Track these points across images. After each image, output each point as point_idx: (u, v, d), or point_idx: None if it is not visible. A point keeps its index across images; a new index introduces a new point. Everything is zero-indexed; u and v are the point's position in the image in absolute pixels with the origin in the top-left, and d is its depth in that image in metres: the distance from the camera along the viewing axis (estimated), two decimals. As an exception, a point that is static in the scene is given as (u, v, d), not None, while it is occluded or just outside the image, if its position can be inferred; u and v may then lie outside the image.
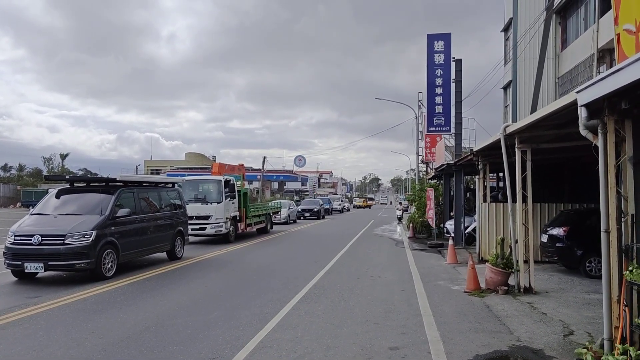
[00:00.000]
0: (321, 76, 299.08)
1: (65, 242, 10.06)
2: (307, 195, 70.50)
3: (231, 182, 19.56)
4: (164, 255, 13.95)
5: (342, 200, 63.35)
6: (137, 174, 67.80)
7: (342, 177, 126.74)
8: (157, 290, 9.55)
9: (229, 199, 19.09)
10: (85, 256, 10.12)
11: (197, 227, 18.33)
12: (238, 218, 20.13)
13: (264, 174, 53.28)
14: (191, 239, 19.28)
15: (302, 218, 37.67)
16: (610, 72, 4.53)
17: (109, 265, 10.74)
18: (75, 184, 12.70)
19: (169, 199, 14.05)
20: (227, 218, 18.75)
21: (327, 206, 46.14)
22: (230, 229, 19.06)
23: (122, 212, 11.31)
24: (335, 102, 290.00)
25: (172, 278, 10.95)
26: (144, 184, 13.39)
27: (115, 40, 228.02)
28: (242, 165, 24.59)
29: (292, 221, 33.11)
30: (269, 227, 24.70)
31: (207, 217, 18.36)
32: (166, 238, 13.43)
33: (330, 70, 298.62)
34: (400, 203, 46.09)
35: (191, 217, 17.90)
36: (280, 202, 32.16)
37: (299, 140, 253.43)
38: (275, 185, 77.07)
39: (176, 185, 15.22)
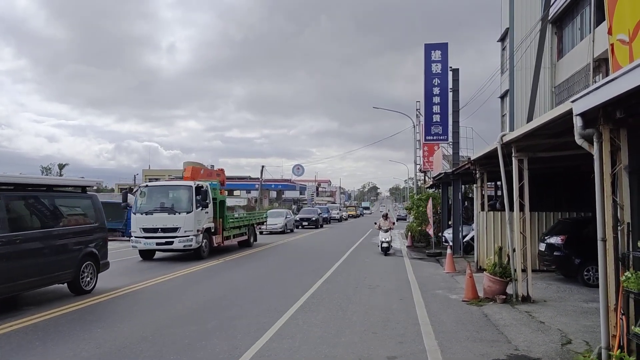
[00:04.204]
0: (320, 86, 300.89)
1: None
2: (306, 204, 70.51)
3: (204, 188, 16.76)
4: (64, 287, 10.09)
5: (340, 209, 63.29)
6: (134, 182, 64.64)
7: (340, 186, 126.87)
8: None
9: (200, 208, 16.37)
10: None
11: (163, 241, 15.88)
12: (213, 230, 17.48)
13: (262, 182, 53.29)
14: (157, 254, 16.94)
15: (300, 227, 37.62)
16: (605, 82, 4.57)
17: None
18: None
19: (73, 210, 10.45)
20: (198, 230, 16.17)
21: (326, 215, 46.14)
22: (203, 242, 16.51)
23: None
24: (334, 111, 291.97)
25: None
26: (27, 188, 9.50)
27: (116, 50, 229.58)
28: (222, 170, 21.77)
29: (289, 230, 33.05)
30: (252, 240, 21.86)
31: (175, 229, 15.80)
32: (66, 264, 9.60)
33: (329, 80, 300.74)
34: (386, 217, 20.24)
35: (156, 229, 15.95)
36: (267, 212, 29.74)
37: (298, 149, 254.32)
38: (273, 194, 77.03)
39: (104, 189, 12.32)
